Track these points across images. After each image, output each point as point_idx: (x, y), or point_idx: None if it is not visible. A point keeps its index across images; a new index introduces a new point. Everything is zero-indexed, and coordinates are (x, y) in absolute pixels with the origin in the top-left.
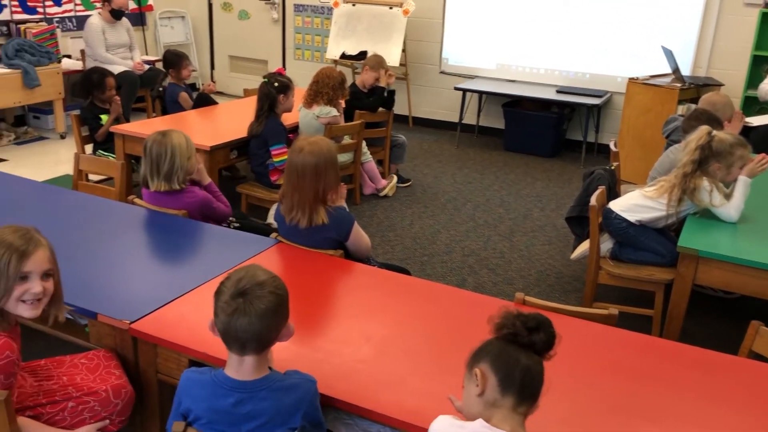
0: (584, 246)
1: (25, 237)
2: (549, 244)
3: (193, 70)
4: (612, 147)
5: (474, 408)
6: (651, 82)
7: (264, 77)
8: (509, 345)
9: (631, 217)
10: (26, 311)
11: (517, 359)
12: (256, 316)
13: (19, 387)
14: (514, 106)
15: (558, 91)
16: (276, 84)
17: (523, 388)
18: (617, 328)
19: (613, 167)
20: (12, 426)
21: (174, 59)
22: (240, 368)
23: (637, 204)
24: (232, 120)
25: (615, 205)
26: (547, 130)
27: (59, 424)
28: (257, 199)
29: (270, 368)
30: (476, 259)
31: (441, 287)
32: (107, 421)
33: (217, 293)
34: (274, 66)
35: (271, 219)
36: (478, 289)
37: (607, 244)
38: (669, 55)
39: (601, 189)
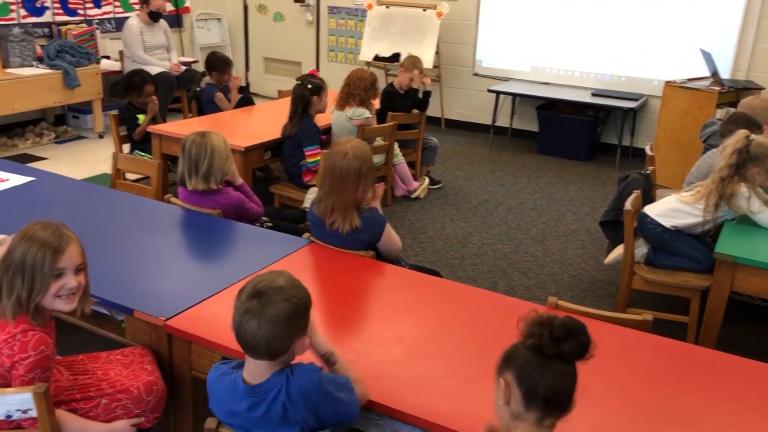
0: (618, 251)
1: (56, 233)
2: (582, 248)
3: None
4: (648, 151)
5: (502, 416)
6: (689, 85)
7: (297, 79)
8: (535, 356)
9: (667, 223)
10: (63, 306)
11: (542, 374)
12: (265, 320)
13: (55, 381)
14: (549, 108)
15: (593, 94)
16: (309, 86)
17: (548, 402)
18: (651, 334)
19: (648, 171)
20: (50, 417)
21: (218, 63)
22: (254, 371)
23: (673, 209)
24: (266, 121)
25: (650, 210)
26: (581, 133)
27: (94, 419)
28: (290, 199)
29: (287, 364)
30: (508, 262)
31: (472, 290)
32: (142, 418)
33: (239, 292)
34: (308, 68)
35: (307, 203)
36: (510, 292)
37: (641, 249)
38: (708, 57)
39: (636, 193)
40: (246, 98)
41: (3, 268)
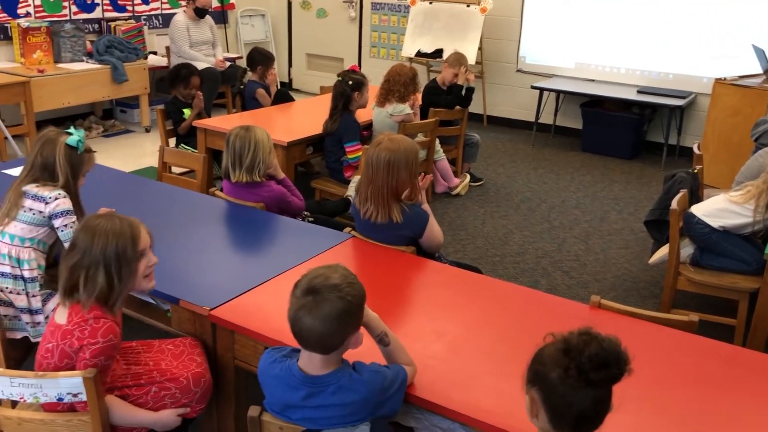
0: (663, 251)
1: (123, 222)
2: (626, 248)
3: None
4: (695, 150)
5: (533, 422)
6: (740, 83)
7: (338, 75)
8: (564, 383)
9: (715, 223)
10: (149, 284)
11: (570, 402)
12: (319, 318)
13: (111, 369)
14: (593, 106)
15: (639, 92)
16: (350, 82)
17: (578, 424)
18: (697, 335)
19: (695, 170)
20: (99, 402)
21: (260, 59)
22: (309, 363)
23: (721, 209)
24: (308, 117)
25: (698, 210)
26: (626, 131)
27: (143, 406)
28: (330, 194)
29: (343, 361)
30: (550, 261)
31: (514, 287)
32: (188, 408)
33: (294, 285)
34: (350, 64)
35: (351, 191)
36: (552, 291)
37: (687, 250)
38: (760, 54)
39: (682, 192)
40: (283, 92)
41: (78, 266)
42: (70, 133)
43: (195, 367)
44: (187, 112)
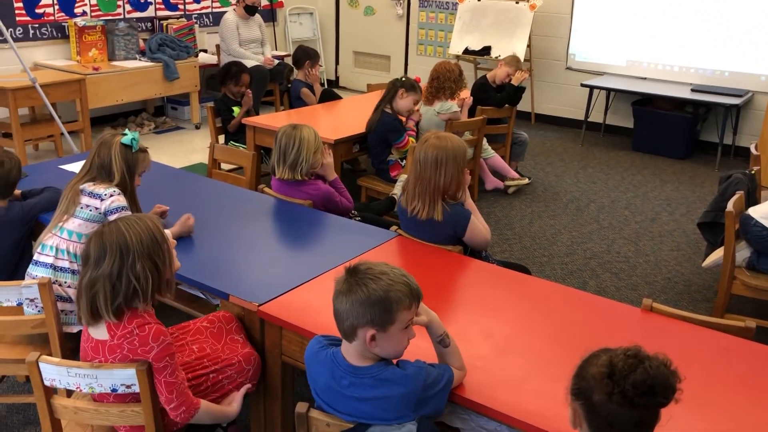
0: (718, 254)
1: (142, 220)
2: (678, 250)
3: (320, 66)
4: (752, 150)
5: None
6: None
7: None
8: (606, 407)
9: None
10: (177, 263)
11: (613, 423)
12: (342, 295)
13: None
14: (645, 104)
15: (693, 90)
16: (403, 79)
17: None
18: (754, 342)
19: (752, 171)
20: (152, 392)
21: (304, 57)
22: (346, 350)
23: None
24: (354, 114)
25: (755, 212)
26: (679, 130)
27: (205, 393)
28: (376, 192)
29: (382, 359)
30: (599, 262)
31: (563, 288)
32: (249, 384)
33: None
34: (397, 62)
35: (397, 190)
36: (600, 293)
37: (743, 253)
38: None
39: (739, 194)
40: (328, 91)
41: (100, 278)
42: (126, 134)
43: (240, 347)
44: (236, 109)
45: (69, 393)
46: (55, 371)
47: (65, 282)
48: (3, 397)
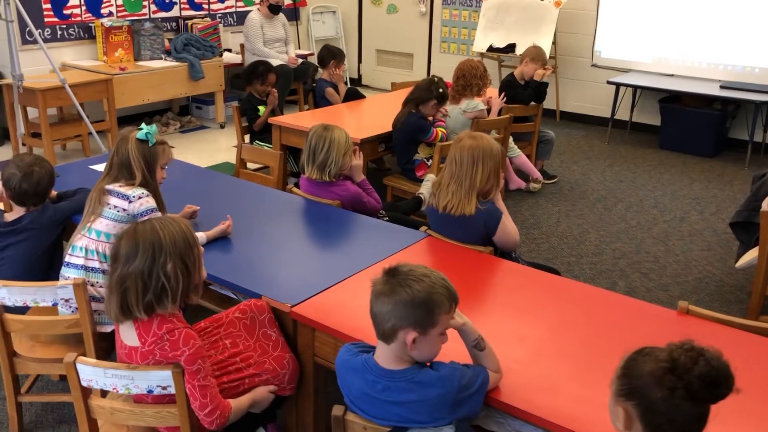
0: (752, 254)
1: (176, 223)
2: (708, 249)
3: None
4: None
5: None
6: None
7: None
8: (667, 400)
9: None
10: (204, 270)
11: (672, 419)
12: (382, 296)
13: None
14: (672, 101)
15: (722, 87)
16: (440, 89)
17: None
18: None
19: None
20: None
21: (329, 56)
22: (381, 354)
23: None
24: (379, 113)
25: None
26: (707, 127)
27: (238, 391)
28: (402, 191)
29: (417, 362)
30: (627, 262)
31: (594, 290)
32: (274, 386)
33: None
34: (420, 60)
35: (424, 189)
36: (630, 293)
37: None
38: None
39: None
40: (353, 91)
41: (136, 278)
42: (141, 129)
43: (272, 349)
44: (261, 109)
45: (104, 393)
46: (92, 372)
47: (97, 282)
48: (39, 396)
